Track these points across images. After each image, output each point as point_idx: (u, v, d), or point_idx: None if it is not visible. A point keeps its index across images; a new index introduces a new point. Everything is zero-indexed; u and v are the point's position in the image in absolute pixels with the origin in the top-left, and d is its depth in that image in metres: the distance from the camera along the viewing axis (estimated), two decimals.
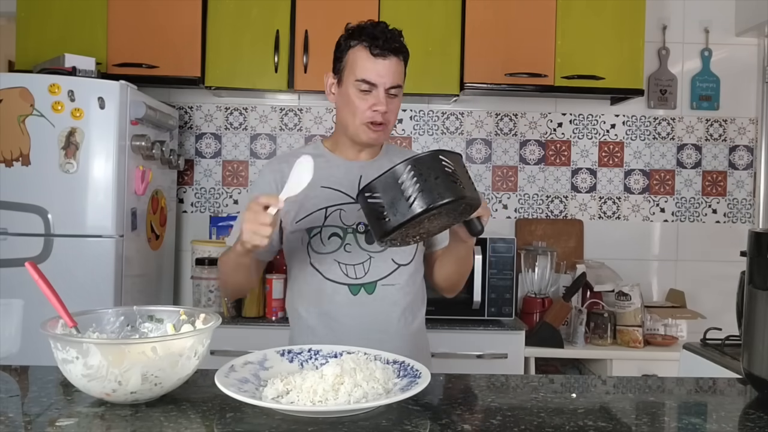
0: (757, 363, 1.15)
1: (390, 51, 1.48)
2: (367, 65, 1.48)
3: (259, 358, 1.18)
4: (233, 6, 2.76)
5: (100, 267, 2.33)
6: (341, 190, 1.55)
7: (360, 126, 1.51)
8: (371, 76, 1.48)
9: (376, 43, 1.47)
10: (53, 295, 1.11)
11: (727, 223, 3.16)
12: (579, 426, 0.99)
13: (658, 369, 2.53)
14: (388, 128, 1.53)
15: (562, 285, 2.92)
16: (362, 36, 1.49)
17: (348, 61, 1.51)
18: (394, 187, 1.17)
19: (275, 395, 1.04)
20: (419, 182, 1.16)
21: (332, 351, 1.20)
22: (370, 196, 1.20)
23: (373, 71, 1.47)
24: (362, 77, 1.48)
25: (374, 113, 1.48)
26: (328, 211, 1.53)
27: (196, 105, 3.10)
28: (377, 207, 1.19)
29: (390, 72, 1.49)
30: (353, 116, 1.50)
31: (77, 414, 1.01)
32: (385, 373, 1.09)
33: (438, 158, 1.19)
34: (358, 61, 1.49)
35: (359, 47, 1.50)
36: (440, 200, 1.15)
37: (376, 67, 1.48)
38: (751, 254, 1.19)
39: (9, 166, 2.31)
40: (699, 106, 3.14)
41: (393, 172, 1.18)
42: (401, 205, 1.16)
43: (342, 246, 1.52)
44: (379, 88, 1.48)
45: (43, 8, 2.69)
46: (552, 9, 2.78)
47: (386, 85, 1.48)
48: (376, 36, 1.48)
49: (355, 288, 1.53)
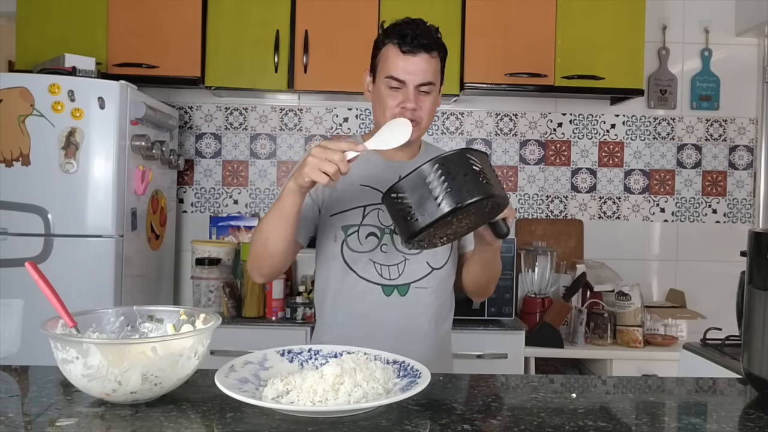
0: (757, 363, 1.15)
1: (421, 47, 1.47)
2: (396, 62, 1.47)
3: (259, 358, 1.18)
4: (233, 6, 2.76)
5: (100, 267, 2.33)
6: (380, 189, 1.50)
7: None
8: (399, 74, 1.47)
9: (404, 40, 1.47)
10: (53, 295, 1.11)
11: (727, 223, 3.16)
12: (579, 426, 0.99)
13: (658, 369, 2.53)
14: (421, 126, 1.52)
15: (562, 285, 2.92)
16: (393, 33, 1.49)
17: (380, 59, 1.52)
18: (421, 187, 1.15)
19: (275, 395, 1.03)
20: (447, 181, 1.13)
21: (332, 351, 1.20)
22: (397, 196, 1.18)
23: (401, 68, 1.47)
24: (390, 74, 1.47)
25: (402, 110, 1.47)
26: (366, 210, 1.52)
27: (196, 105, 3.10)
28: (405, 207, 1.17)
29: (420, 69, 1.47)
30: (383, 113, 1.50)
31: (77, 414, 1.01)
32: (385, 373, 1.09)
33: (465, 156, 1.17)
34: (389, 59, 1.49)
35: (390, 45, 1.49)
36: (469, 198, 1.13)
37: (405, 65, 1.47)
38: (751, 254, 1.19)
39: (9, 166, 2.31)
40: (699, 106, 3.14)
41: (420, 172, 1.15)
42: (429, 204, 1.14)
43: (378, 246, 1.51)
44: (408, 85, 1.47)
45: (43, 8, 2.69)
46: (552, 9, 2.78)
47: (415, 82, 1.47)
48: (405, 33, 1.47)
49: (389, 289, 1.52)
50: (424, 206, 1.14)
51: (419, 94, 1.48)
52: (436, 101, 1.54)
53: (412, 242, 1.22)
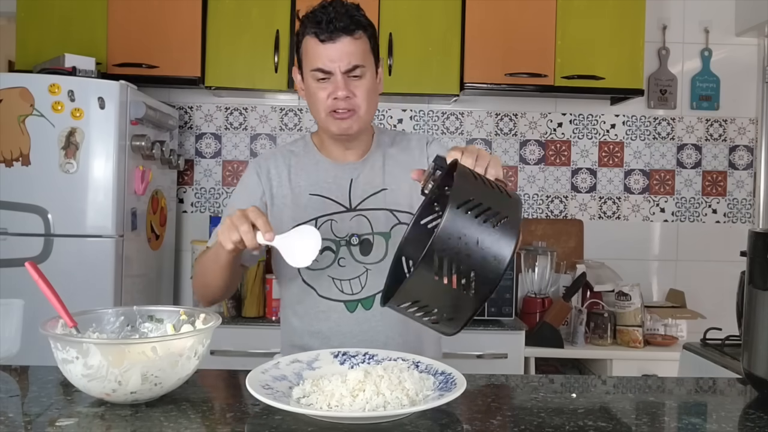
0: (757, 363, 1.15)
1: (340, 31, 1.35)
2: (317, 53, 1.36)
3: (310, 357, 1.17)
4: (233, 6, 2.76)
5: (100, 267, 2.33)
6: (331, 198, 1.45)
7: (326, 118, 1.40)
8: (322, 63, 1.36)
9: (320, 28, 1.35)
10: (53, 295, 1.11)
11: (727, 223, 3.16)
12: (579, 426, 0.99)
13: (658, 369, 2.53)
14: (360, 114, 1.40)
15: (562, 285, 2.92)
16: (308, 23, 1.38)
17: (302, 53, 1.41)
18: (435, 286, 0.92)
19: (300, 395, 1.03)
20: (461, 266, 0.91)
21: (388, 355, 1.17)
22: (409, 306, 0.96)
23: (324, 57, 1.35)
24: (314, 66, 1.37)
25: (335, 101, 1.37)
26: (318, 223, 1.42)
27: (196, 105, 3.10)
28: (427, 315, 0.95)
29: (343, 54, 1.35)
30: (317, 109, 1.41)
31: (77, 414, 1.01)
32: (421, 383, 1.05)
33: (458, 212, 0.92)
34: (309, 51, 1.38)
35: (308, 36, 1.38)
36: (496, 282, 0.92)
37: (327, 53, 1.35)
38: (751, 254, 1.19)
39: (9, 166, 2.31)
40: (699, 106, 3.14)
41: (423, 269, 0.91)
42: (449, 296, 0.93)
43: (336, 260, 1.42)
44: (336, 73, 1.36)
45: (43, 8, 2.69)
46: (552, 9, 2.78)
47: (342, 68, 1.36)
48: (319, 20, 1.35)
49: (352, 304, 1.42)
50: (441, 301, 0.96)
51: (350, 79, 1.37)
52: (373, 85, 1.42)
53: None
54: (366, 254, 1.43)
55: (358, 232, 1.43)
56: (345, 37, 1.35)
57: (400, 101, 3.07)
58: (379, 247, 1.44)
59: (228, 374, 1.25)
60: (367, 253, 1.43)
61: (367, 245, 1.43)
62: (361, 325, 1.43)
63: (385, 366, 1.10)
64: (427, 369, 1.12)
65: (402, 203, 1.47)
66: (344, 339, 1.42)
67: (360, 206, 1.45)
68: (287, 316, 1.52)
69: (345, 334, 1.43)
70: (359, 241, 1.43)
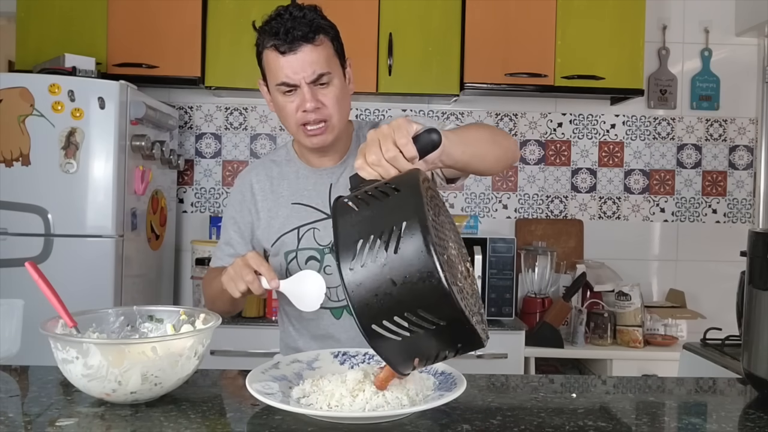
0: (757, 363, 1.15)
1: (299, 40, 1.29)
2: (278, 66, 1.31)
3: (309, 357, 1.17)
4: (233, 6, 2.75)
5: (100, 267, 2.33)
6: (312, 206, 1.42)
7: (297, 131, 1.37)
8: (286, 77, 1.31)
9: (279, 39, 1.30)
10: (53, 295, 1.11)
11: (727, 223, 3.16)
12: (579, 426, 0.99)
13: (658, 369, 2.53)
14: (332, 123, 1.36)
15: (562, 285, 2.92)
16: (266, 34, 1.33)
17: (265, 66, 1.37)
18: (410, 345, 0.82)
19: (300, 395, 1.03)
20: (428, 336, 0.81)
21: None
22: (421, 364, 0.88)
23: (286, 70, 1.31)
24: (279, 80, 1.32)
25: (304, 114, 1.33)
26: (300, 232, 1.41)
27: (196, 105, 3.10)
28: None
29: (306, 63, 1.30)
30: (288, 123, 1.38)
31: (77, 414, 1.01)
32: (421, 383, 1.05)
33: None
34: (271, 65, 1.33)
35: (268, 49, 1.33)
36: None
37: (288, 65, 1.30)
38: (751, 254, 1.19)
39: (9, 166, 2.31)
40: (699, 106, 3.14)
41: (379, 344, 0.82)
42: None
43: (321, 269, 1.40)
44: (302, 85, 1.31)
45: (43, 8, 2.69)
46: (552, 9, 2.78)
47: (307, 79, 1.31)
48: (276, 31, 1.30)
49: (338, 311, 1.42)
50: None
51: (317, 88, 1.33)
52: (342, 90, 1.38)
53: None
54: None
55: None
56: (305, 45, 1.30)
57: (400, 101, 3.07)
58: None
59: (228, 374, 1.25)
60: None
61: None
62: (348, 332, 1.42)
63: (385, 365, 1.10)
64: (427, 369, 1.12)
65: None
66: (335, 344, 1.42)
67: None
68: (283, 319, 1.54)
69: (335, 338, 1.43)
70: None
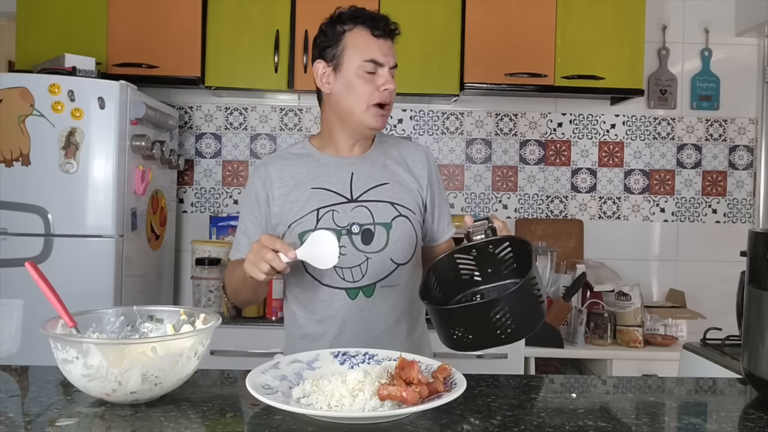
0: (757, 363, 1.15)
1: (390, 32, 1.48)
2: (371, 45, 1.46)
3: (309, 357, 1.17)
4: (233, 6, 2.76)
5: (100, 267, 2.33)
6: (332, 190, 1.49)
7: (367, 111, 1.47)
8: (378, 56, 1.45)
9: (377, 24, 1.46)
10: (53, 295, 1.11)
11: (727, 223, 3.16)
12: (579, 426, 0.99)
13: (658, 369, 2.53)
14: (389, 111, 1.51)
15: (562, 285, 2.92)
16: (359, 18, 1.47)
17: (347, 45, 1.47)
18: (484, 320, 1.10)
19: (301, 395, 1.03)
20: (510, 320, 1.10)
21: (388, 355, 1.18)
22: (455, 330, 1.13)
23: (378, 50, 1.46)
24: (370, 57, 1.45)
25: (383, 93, 1.46)
26: (320, 213, 1.47)
27: (196, 105, 3.10)
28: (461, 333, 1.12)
29: (392, 50, 1.49)
30: (360, 101, 1.46)
31: (77, 414, 1.01)
32: None
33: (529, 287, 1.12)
34: (361, 43, 1.46)
35: (358, 29, 1.47)
36: (527, 333, 1.15)
37: (380, 46, 1.46)
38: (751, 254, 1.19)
39: (9, 166, 2.31)
40: (699, 106, 3.14)
41: (484, 307, 1.12)
42: (488, 334, 1.11)
43: None
44: (385, 67, 1.46)
45: (43, 8, 2.69)
46: (552, 9, 2.78)
47: (390, 64, 1.47)
48: (375, 18, 1.47)
49: (353, 292, 1.47)
50: (481, 335, 1.12)
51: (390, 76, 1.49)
52: None
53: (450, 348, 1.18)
54: (367, 243, 1.47)
55: (358, 222, 1.47)
56: (390, 39, 1.49)
57: (400, 101, 3.07)
58: (380, 236, 1.48)
59: (228, 374, 1.25)
60: (368, 243, 1.47)
61: (368, 234, 1.48)
62: (361, 312, 1.47)
63: (385, 366, 1.10)
64: (427, 369, 1.12)
65: (404, 199, 1.52)
66: (344, 326, 1.47)
67: (361, 197, 1.50)
68: (290, 306, 1.56)
69: (346, 321, 1.47)
70: (360, 230, 1.47)
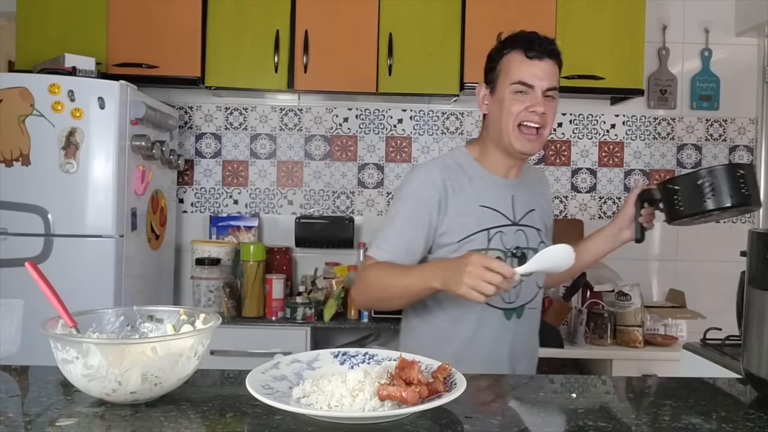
0: (757, 363, 1.15)
1: (545, 53, 1.48)
2: (522, 67, 1.47)
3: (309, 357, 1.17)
4: (233, 6, 2.76)
5: (100, 267, 2.33)
6: (500, 211, 1.52)
7: (512, 131, 1.48)
8: (527, 77, 1.46)
9: (531, 46, 1.47)
10: (53, 295, 1.11)
11: (727, 223, 3.16)
12: (579, 426, 0.99)
13: (658, 369, 2.53)
14: (544, 134, 1.50)
15: (562, 285, 2.91)
16: (516, 42, 1.49)
17: (502, 67, 1.50)
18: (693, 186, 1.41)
19: (301, 395, 1.03)
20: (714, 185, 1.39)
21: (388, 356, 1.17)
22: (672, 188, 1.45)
23: (528, 72, 1.46)
24: (518, 79, 1.47)
25: (530, 113, 1.46)
26: (490, 233, 1.49)
27: (196, 105, 3.10)
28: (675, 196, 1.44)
29: (546, 74, 1.48)
30: (507, 119, 1.47)
31: (77, 414, 1.01)
32: None
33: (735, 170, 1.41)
34: (513, 65, 1.48)
35: (513, 52, 1.49)
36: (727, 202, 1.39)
37: (532, 69, 1.47)
38: (751, 254, 1.19)
39: (9, 166, 2.31)
40: (699, 106, 3.14)
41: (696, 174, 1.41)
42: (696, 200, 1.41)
43: None
44: (536, 89, 1.46)
45: (43, 8, 2.70)
46: (552, 9, 2.78)
47: (543, 86, 1.47)
48: (530, 40, 1.48)
49: (509, 312, 1.52)
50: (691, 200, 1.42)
51: (545, 99, 1.48)
52: (555, 111, 1.53)
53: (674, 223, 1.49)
54: None
55: (521, 245, 1.52)
56: (548, 59, 1.49)
57: (400, 101, 3.07)
58: None
59: (228, 374, 1.25)
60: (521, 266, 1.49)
61: (523, 258, 1.51)
62: (512, 331, 1.53)
63: (385, 366, 1.10)
64: (427, 369, 1.12)
65: (544, 226, 1.62)
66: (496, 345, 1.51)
67: (521, 221, 1.54)
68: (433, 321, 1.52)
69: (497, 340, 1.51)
70: (520, 253, 1.51)
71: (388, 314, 2.71)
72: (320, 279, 2.94)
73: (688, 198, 1.42)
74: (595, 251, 1.63)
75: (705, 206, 1.40)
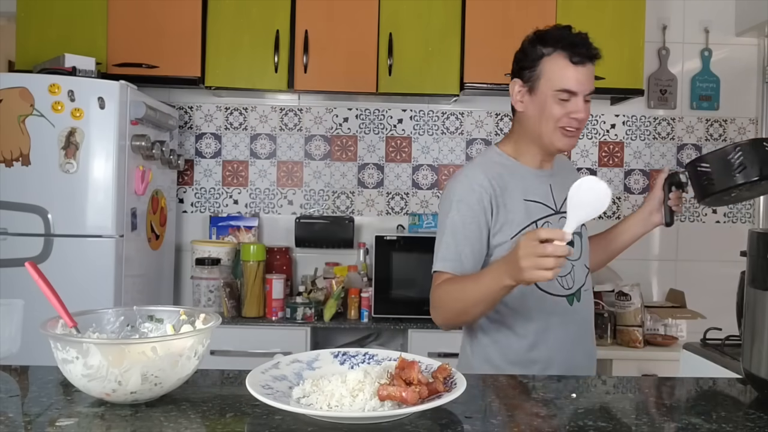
0: (757, 363, 1.15)
1: (588, 58, 1.48)
2: (567, 74, 1.46)
3: (309, 357, 1.17)
4: (233, 6, 2.76)
5: (100, 267, 2.33)
6: (543, 203, 1.54)
7: (554, 132, 1.49)
8: (572, 85, 1.46)
9: (576, 51, 1.46)
10: (53, 295, 1.11)
11: (727, 223, 3.16)
12: (579, 426, 0.99)
13: (658, 369, 2.54)
14: (580, 134, 1.55)
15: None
16: (559, 43, 1.47)
17: (544, 69, 1.48)
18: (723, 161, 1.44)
19: (301, 395, 1.03)
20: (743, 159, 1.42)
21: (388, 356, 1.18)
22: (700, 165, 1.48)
23: (573, 80, 1.46)
24: (564, 87, 1.46)
25: (571, 120, 1.47)
26: (538, 225, 1.51)
27: (196, 105, 3.10)
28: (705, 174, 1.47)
29: (588, 79, 1.48)
30: (547, 122, 1.49)
31: (77, 414, 1.01)
32: None
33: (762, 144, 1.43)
34: (557, 70, 1.47)
35: (557, 55, 1.47)
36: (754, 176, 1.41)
37: (576, 75, 1.46)
38: (751, 254, 1.19)
39: (9, 166, 2.31)
40: (699, 106, 3.14)
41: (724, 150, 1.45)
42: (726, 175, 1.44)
43: None
44: (579, 95, 1.47)
45: (43, 8, 2.70)
46: (552, 9, 2.78)
47: (585, 92, 1.48)
48: (575, 43, 1.47)
49: (570, 298, 1.54)
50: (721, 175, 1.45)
51: (584, 103, 1.49)
52: None
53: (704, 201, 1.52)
54: None
55: None
56: (590, 63, 1.49)
57: (400, 101, 3.07)
58: (577, 245, 1.57)
59: (228, 374, 1.25)
60: None
61: (571, 244, 1.49)
62: (575, 317, 1.55)
63: (385, 366, 1.10)
64: (427, 369, 1.12)
65: None
66: (562, 332, 1.52)
67: (563, 208, 1.55)
68: (502, 320, 1.52)
69: (562, 326, 1.52)
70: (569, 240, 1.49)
71: (388, 314, 2.71)
72: (320, 279, 2.94)
73: (718, 174, 1.44)
74: (631, 234, 1.69)
75: (735, 180, 1.42)
